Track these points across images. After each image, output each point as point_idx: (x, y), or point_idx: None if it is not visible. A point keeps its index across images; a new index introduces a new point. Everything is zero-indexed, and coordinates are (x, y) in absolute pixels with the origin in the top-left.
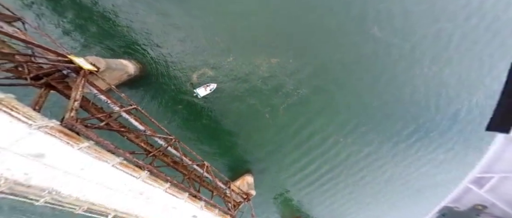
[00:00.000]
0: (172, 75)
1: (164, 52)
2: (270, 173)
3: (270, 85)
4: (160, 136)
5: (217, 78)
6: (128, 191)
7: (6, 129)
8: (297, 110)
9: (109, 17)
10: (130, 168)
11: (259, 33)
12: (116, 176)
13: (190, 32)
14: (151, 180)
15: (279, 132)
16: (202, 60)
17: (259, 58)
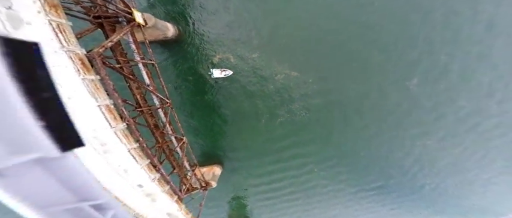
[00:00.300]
0: (199, 50)
1: (204, 28)
2: (239, 175)
3: (279, 96)
4: (158, 96)
5: (235, 67)
6: (93, 138)
7: (43, 42)
8: (292, 129)
9: None
10: (112, 115)
11: (294, 43)
12: (94, 117)
13: (237, 19)
14: (122, 135)
15: (266, 141)
16: (231, 47)
17: (281, 67)
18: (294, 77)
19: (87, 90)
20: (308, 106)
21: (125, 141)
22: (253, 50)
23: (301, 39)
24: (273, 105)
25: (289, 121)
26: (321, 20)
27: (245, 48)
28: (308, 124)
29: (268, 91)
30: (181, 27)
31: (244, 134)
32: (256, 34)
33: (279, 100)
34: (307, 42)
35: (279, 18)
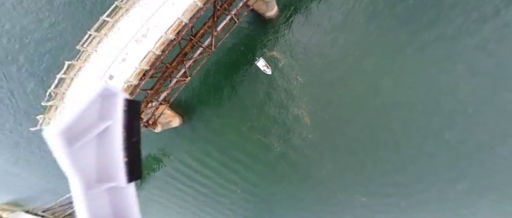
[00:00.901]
0: (278, 39)
1: (298, 37)
2: (185, 144)
3: (290, 124)
4: (212, 42)
5: (273, 72)
6: None
7: None
8: (282, 163)
9: None
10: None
11: (333, 96)
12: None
13: (322, 42)
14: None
15: (236, 135)
16: (294, 61)
17: (311, 107)
18: (309, 121)
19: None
20: (308, 156)
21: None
22: (301, 77)
23: (343, 95)
24: (280, 125)
25: (285, 154)
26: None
27: (298, 70)
28: (298, 167)
29: (282, 117)
30: (284, 13)
31: (226, 121)
32: (319, 64)
33: (285, 127)
34: (343, 100)
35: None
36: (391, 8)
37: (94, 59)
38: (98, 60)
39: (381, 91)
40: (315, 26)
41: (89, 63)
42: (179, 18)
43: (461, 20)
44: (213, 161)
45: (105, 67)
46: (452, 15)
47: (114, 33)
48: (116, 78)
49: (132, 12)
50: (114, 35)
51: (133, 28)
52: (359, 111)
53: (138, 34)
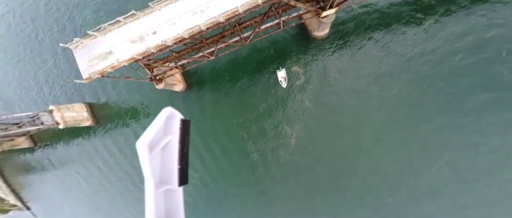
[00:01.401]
0: (310, 59)
1: (329, 67)
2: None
3: (276, 138)
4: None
5: (288, 87)
6: None
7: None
8: (249, 170)
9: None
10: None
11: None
12: None
13: (347, 85)
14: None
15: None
16: (313, 86)
17: (302, 133)
18: (295, 144)
19: None
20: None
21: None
22: (309, 107)
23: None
24: (266, 139)
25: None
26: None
27: (313, 95)
28: (277, 182)
29: (271, 130)
30: (327, 43)
31: (221, 108)
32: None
33: (274, 142)
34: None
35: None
36: (423, 86)
37: (153, 16)
38: (155, 17)
39: (365, 150)
40: (351, 66)
41: (148, 16)
42: (237, 7)
43: (470, 127)
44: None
45: (156, 25)
46: (464, 121)
47: (180, 2)
48: (157, 35)
49: None
50: (179, 3)
51: (197, 2)
52: (338, 157)
53: (198, 8)
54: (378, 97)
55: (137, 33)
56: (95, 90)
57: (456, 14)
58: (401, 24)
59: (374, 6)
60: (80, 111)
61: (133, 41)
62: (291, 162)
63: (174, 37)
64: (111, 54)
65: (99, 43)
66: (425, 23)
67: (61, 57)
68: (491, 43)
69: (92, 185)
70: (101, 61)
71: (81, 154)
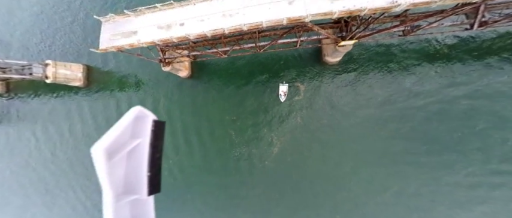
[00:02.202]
0: (315, 79)
1: (331, 92)
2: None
3: (262, 144)
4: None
5: (285, 101)
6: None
7: None
8: (228, 166)
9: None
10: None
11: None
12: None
13: (343, 112)
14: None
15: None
16: (310, 104)
17: (286, 145)
18: (276, 155)
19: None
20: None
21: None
22: (303, 125)
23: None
24: (252, 145)
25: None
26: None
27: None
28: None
29: (255, 142)
30: (335, 70)
31: (218, 102)
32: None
33: (258, 150)
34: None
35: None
36: (401, 133)
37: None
38: (188, 10)
39: (335, 173)
40: (349, 98)
41: (182, 8)
42: (262, 21)
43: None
44: (175, 121)
45: (186, 17)
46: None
47: (215, 2)
48: (184, 27)
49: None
50: (214, 2)
51: (230, 6)
52: (311, 174)
53: (228, 12)
54: (361, 131)
55: (166, 21)
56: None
57: (455, 74)
58: (404, 71)
59: (387, 48)
60: (75, 71)
61: (160, 27)
62: (268, 169)
63: (198, 33)
64: (135, 34)
65: (130, 22)
66: (424, 77)
67: (81, 21)
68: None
69: (44, 154)
70: (123, 37)
71: (51, 113)
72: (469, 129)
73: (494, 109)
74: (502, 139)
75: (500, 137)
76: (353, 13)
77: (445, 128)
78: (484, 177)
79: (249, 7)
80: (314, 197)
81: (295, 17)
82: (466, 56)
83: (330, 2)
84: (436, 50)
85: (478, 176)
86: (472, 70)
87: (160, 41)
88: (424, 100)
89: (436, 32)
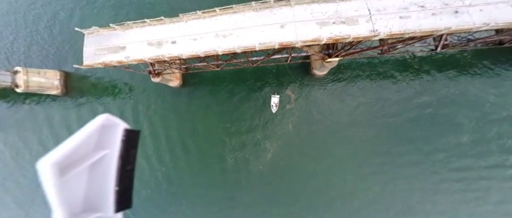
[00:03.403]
0: (304, 90)
1: (319, 100)
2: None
3: (255, 149)
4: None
5: (278, 112)
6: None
7: None
8: (221, 174)
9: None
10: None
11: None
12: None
13: (330, 118)
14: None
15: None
16: (300, 112)
17: (279, 150)
18: (271, 158)
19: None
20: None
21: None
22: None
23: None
24: (244, 148)
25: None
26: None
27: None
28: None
29: (250, 147)
30: (322, 82)
31: (210, 110)
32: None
33: (251, 152)
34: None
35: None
36: (383, 136)
37: (178, 25)
38: (179, 28)
39: (324, 174)
40: (335, 106)
41: (173, 24)
42: (255, 45)
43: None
44: (169, 130)
45: (178, 35)
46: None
47: (208, 21)
48: (176, 45)
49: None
50: (206, 21)
51: (224, 27)
52: (303, 177)
53: (222, 33)
54: (347, 135)
55: (157, 37)
56: (76, 60)
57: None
58: (384, 81)
59: (369, 61)
60: (51, 78)
61: (151, 43)
62: (262, 173)
63: (190, 53)
64: (124, 50)
65: (116, 36)
66: (400, 87)
67: (58, 24)
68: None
69: (8, 167)
70: (110, 53)
71: (21, 124)
72: (432, 132)
73: (451, 114)
74: (457, 142)
75: (457, 140)
76: (339, 40)
77: (416, 131)
78: (447, 174)
79: (242, 28)
80: (307, 198)
81: (286, 42)
82: (432, 69)
83: (318, 28)
84: (409, 64)
85: (442, 173)
86: (437, 80)
87: (151, 59)
88: (399, 106)
89: (409, 51)
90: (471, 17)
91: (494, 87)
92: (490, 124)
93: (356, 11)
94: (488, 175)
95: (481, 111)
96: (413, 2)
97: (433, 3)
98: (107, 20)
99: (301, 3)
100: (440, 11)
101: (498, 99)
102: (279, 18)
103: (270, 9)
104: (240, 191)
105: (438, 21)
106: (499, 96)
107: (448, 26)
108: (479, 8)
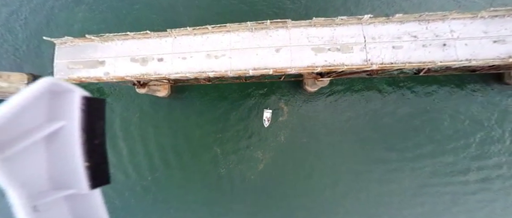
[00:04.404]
0: (296, 104)
1: (310, 114)
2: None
3: (247, 160)
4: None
5: (271, 124)
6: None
7: None
8: (213, 183)
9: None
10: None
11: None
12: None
13: (320, 132)
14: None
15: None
16: (292, 125)
17: (271, 161)
18: (262, 169)
19: None
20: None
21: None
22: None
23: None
24: (238, 159)
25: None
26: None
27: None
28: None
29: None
30: (314, 97)
31: (201, 121)
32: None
33: (245, 164)
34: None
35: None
36: (368, 146)
37: (165, 41)
38: (167, 44)
39: (314, 184)
40: (325, 119)
41: (160, 39)
42: (249, 71)
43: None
44: (161, 138)
45: (165, 52)
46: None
47: (199, 38)
48: (163, 63)
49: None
50: (197, 38)
51: (216, 47)
52: (295, 186)
53: (214, 53)
54: (335, 146)
55: (142, 52)
56: (46, 60)
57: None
58: (372, 96)
59: (360, 79)
60: (16, 82)
61: (134, 59)
62: (254, 182)
63: (180, 75)
64: (103, 65)
65: (94, 49)
66: (386, 101)
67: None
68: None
69: None
70: (86, 67)
71: None
72: (411, 141)
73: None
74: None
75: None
76: (333, 69)
77: (401, 142)
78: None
79: (236, 50)
80: (298, 205)
81: (281, 68)
82: (416, 86)
83: (313, 54)
84: (395, 81)
85: (422, 177)
86: (420, 96)
87: (135, 78)
88: (385, 119)
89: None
90: (456, 51)
91: (464, 103)
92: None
93: (352, 38)
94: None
95: (456, 125)
96: (407, 32)
97: (425, 34)
98: (83, 30)
99: (298, 26)
100: (430, 43)
101: (461, 115)
102: (274, 41)
103: (266, 31)
104: (230, 199)
105: (427, 53)
106: (465, 113)
107: (434, 60)
108: (465, 42)
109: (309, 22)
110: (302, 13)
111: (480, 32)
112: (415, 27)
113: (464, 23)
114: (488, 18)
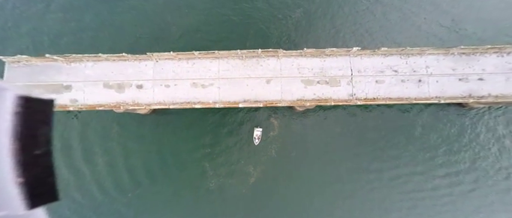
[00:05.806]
0: (286, 122)
1: (299, 131)
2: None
3: (238, 174)
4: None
5: (262, 139)
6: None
7: None
8: (201, 198)
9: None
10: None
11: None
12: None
13: (309, 147)
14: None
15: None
16: (282, 140)
17: (262, 175)
18: (253, 183)
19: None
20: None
21: None
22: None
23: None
24: (227, 171)
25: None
26: None
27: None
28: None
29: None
30: (303, 115)
31: (188, 134)
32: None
33: (238, 177)
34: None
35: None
36: (355, 162)
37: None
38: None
39: (306, 197)
40: (313, 135)
41: (139, 63)
42: (239, 103)
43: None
44: (145, 154)
45: (145, 78)
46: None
47: (184, 64)
48: (143, 90)
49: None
50: (182, 63)
51: (202, 75)
52: (287, 200)
53: (200, 82)
54: (324, 161)
55: (117, 77)
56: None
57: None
58: (360, 115)
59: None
60: None
61: (108, 85)
62: (247, 197)
63: (162, 104)
64: (69, 90)
65: (57, 70)
66: (373, 118)
67: None
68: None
69: None
70: (48, 92)
71: None
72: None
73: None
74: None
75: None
76: (321, 102)
77: (385, 154)
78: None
79: (225, 79)
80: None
81: (272, 101)
82: (394, 105)
83: (303, 86)
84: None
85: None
86: (396, 112)
87: (109, 107)
88: (372, 133)
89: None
90: (429, 87)
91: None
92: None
93: (340, 70)
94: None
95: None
96: (389, 66)
97: (404, 68)
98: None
99: (289, 55)
100: (408, 78)
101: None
102: (265, 71)
103: (256, 59)
104: (222, 214)
105: (404, 89)
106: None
107: (410, 97)
108: (436, 79)
109: (300, 52)
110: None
111: (449, 69)
112: (396, 60)
113: (438, 58)
114: (457, 55)
